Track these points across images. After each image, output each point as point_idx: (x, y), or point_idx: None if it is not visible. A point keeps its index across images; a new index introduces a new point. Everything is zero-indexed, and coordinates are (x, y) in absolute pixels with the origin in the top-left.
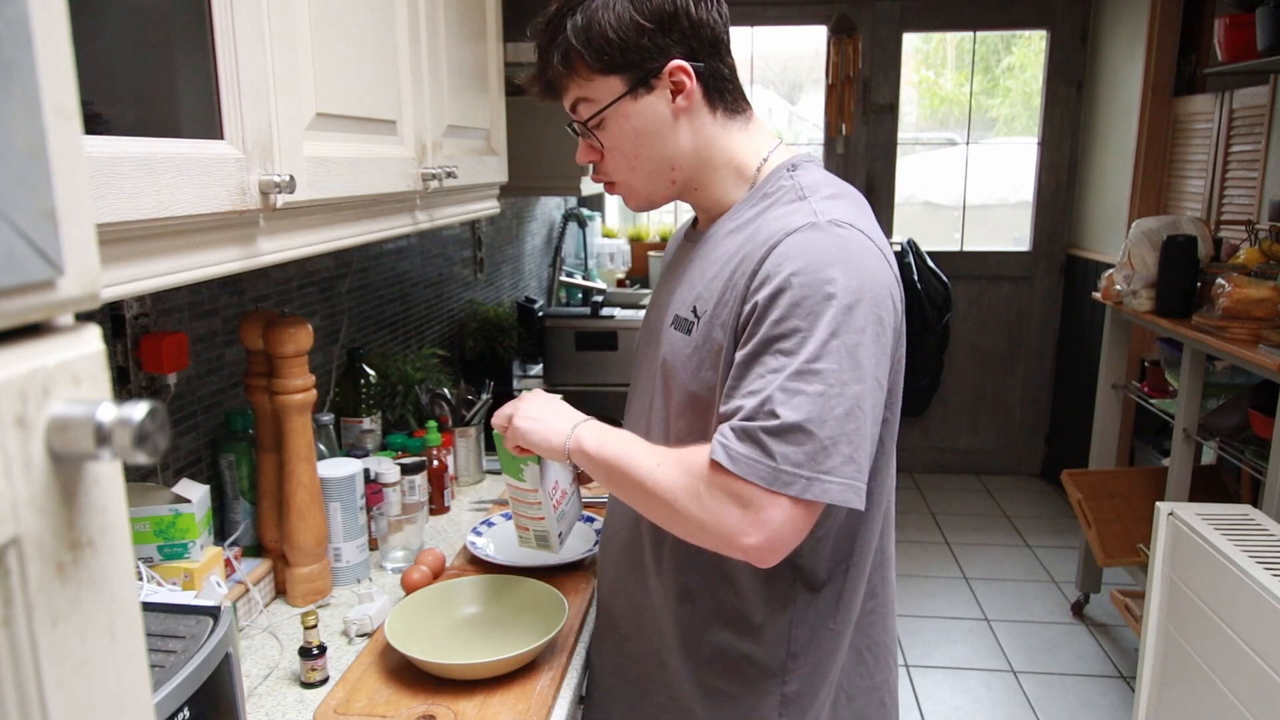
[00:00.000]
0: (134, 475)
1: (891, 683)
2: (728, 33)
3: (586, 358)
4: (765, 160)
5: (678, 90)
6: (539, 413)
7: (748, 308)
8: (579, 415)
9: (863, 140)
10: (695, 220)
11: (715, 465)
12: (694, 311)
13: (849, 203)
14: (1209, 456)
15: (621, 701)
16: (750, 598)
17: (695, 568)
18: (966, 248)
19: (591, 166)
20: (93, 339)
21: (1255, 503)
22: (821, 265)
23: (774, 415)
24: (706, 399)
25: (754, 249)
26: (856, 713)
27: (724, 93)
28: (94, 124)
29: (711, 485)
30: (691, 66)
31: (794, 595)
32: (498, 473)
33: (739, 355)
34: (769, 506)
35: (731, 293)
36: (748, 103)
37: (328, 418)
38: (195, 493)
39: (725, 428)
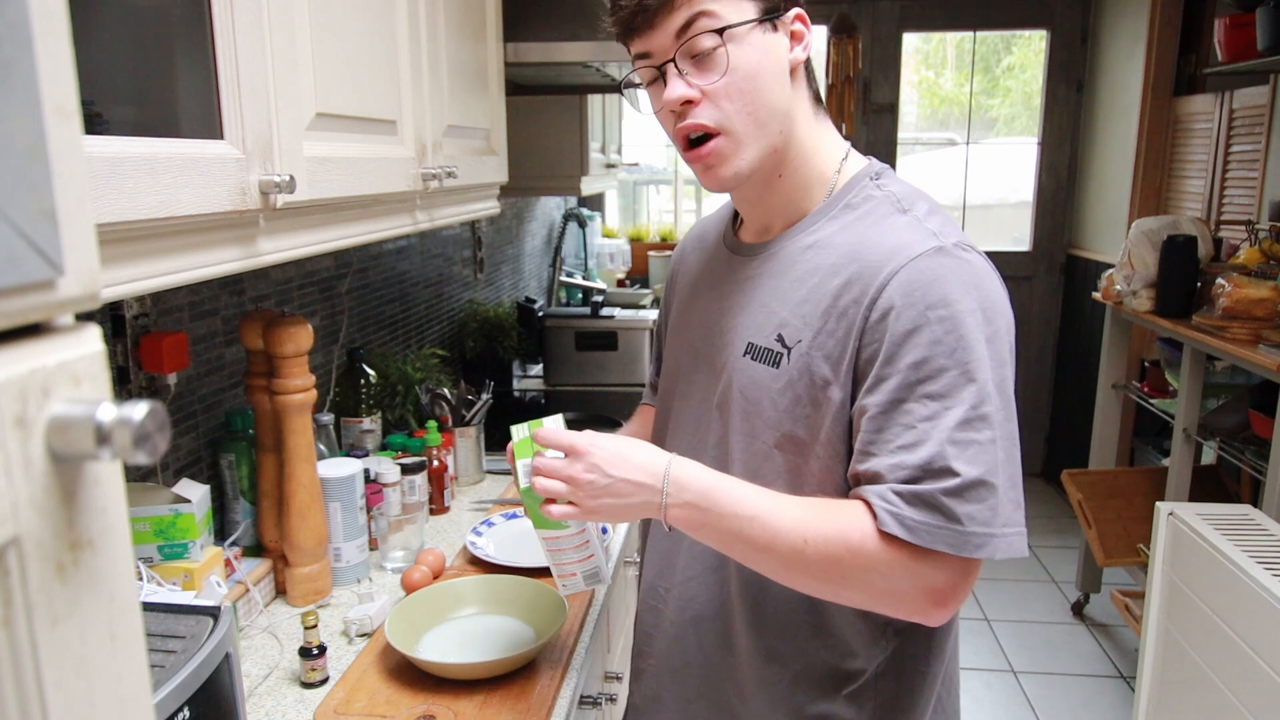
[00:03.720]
0: (134, 475)
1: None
2: None
3: (586, 358)
4: (844, 163)
5: (797, 40)
6: (610, 490)
7: (869, 342)
8: (654, 468)
9: (863, 140)
10: (734, 225)
11: (889, 538)
12: (780, 340)
13: (951, 221)
14: (1209, 456)
15: None
16: (848, 649)
17: (786, 628)
18: None
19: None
20: (93, 339)
21: (1255, 503)
22: (959, 296)
23: (951, 473)
24: (806, 441)
25: (865, 271)
26: None
27: (814, 77)
28: (94, 124)
29: (883, 558)
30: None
31: (887, 631)
32: (497, 473)
33: (869, 400)
34: (958, 572)
35: (839, 322)
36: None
37: (328, 418)
38: (195, 493)
39: (888, 492)
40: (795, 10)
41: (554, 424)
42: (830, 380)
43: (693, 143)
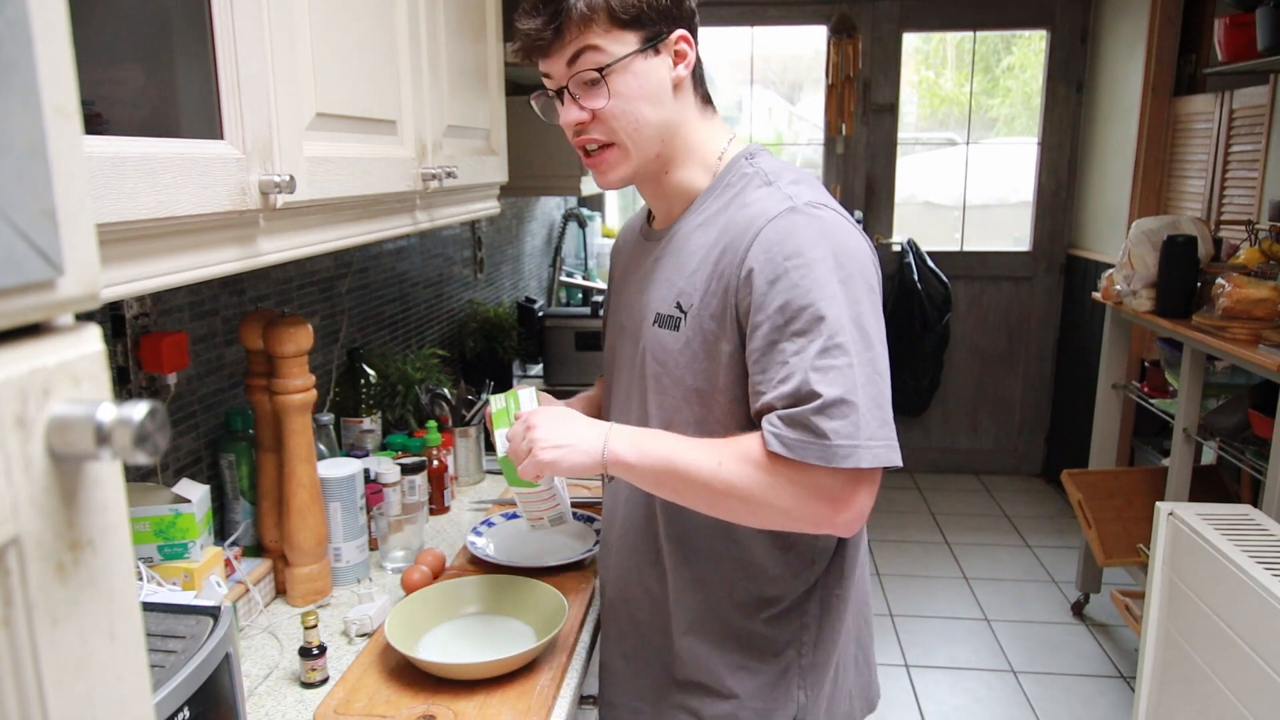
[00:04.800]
0: (134, 475)
1: (869, 643)
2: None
3: (586, 358)
4: (725, 150)
5: (679, 59)
6: (559, 437)
7: (743, 298)
8: (598, 425)
9: (863, 140)
10: (649, 218)
11: (775, 456)
12: (678, 307)
13: (812, 186)
14: (1209, 456)
15: (641, 692)
16: (768, 577)
17: (709, 557)
18: (966, 248)
19: (573, 134)
20: (93, 339)
21: (1255, 503)
22: (810, 245)
23: (815, 395)
24: (707, 390)
25: (735, 238)
26: (857, 678)
27: (702, 80)
28: (94, 124)
29: (778, 475)
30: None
31: (811, 568)
32: (498, 473)
33: (751, 346)
34: (847, 481)
35: (718, 283)
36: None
37: (328, 418)
38: (195, 493)
39: (774, 417)
40: (678, 33)
41: (528, 394)
42: (718, 335)
43: (589, 151)
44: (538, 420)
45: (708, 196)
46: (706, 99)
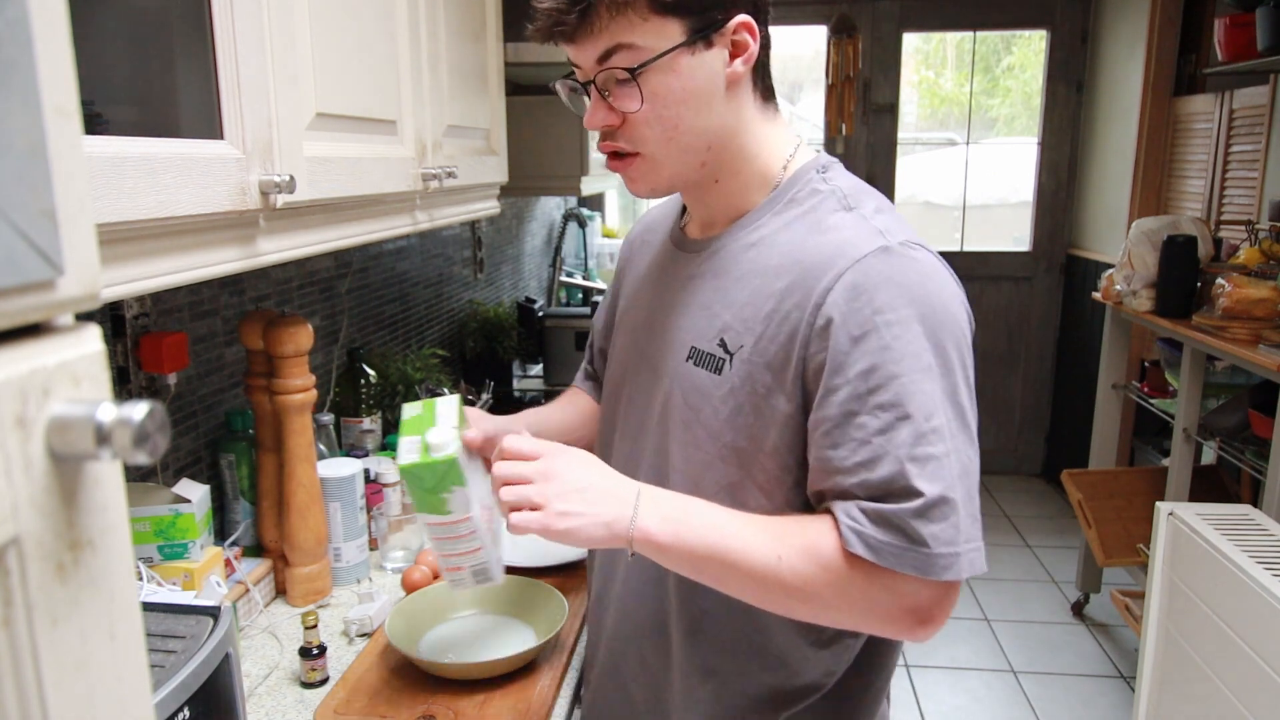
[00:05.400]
0: (134, 475)
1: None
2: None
3: None
4: (790, 158)
5: (738, 52)
6: (581, 500)
7: (815, 352)
8: (625, 485)
9: (863, 140)
10: (683, 214)
11: (855, 559)
12: (722, 346)
13: (897, 217)
14: (1209, 456)
15: None
16: (791, 670)
17: (725, 645)
18: (966, 248)
19: (598, 135)
20: (93, 339)
21: (1255, 503)
22: (905, 299)
23: (914, 493)
24: (748, 450)
25: (808, 273)
26: None
27: (768, 68)
28: (94, 124)
29: (854, 580)
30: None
31: (841, 659)
32: None
33: (822, 414)
34: (933, 594)
35: (781, 327)
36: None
37: (328, 418)
38: (195, 493)
39: (855, 511)
40: (738, 19)
41: (449, 404)
42: (773, 388)
43: (615, 154)
44: (558, 466)
45: (765, 211)
46: (769, 94)
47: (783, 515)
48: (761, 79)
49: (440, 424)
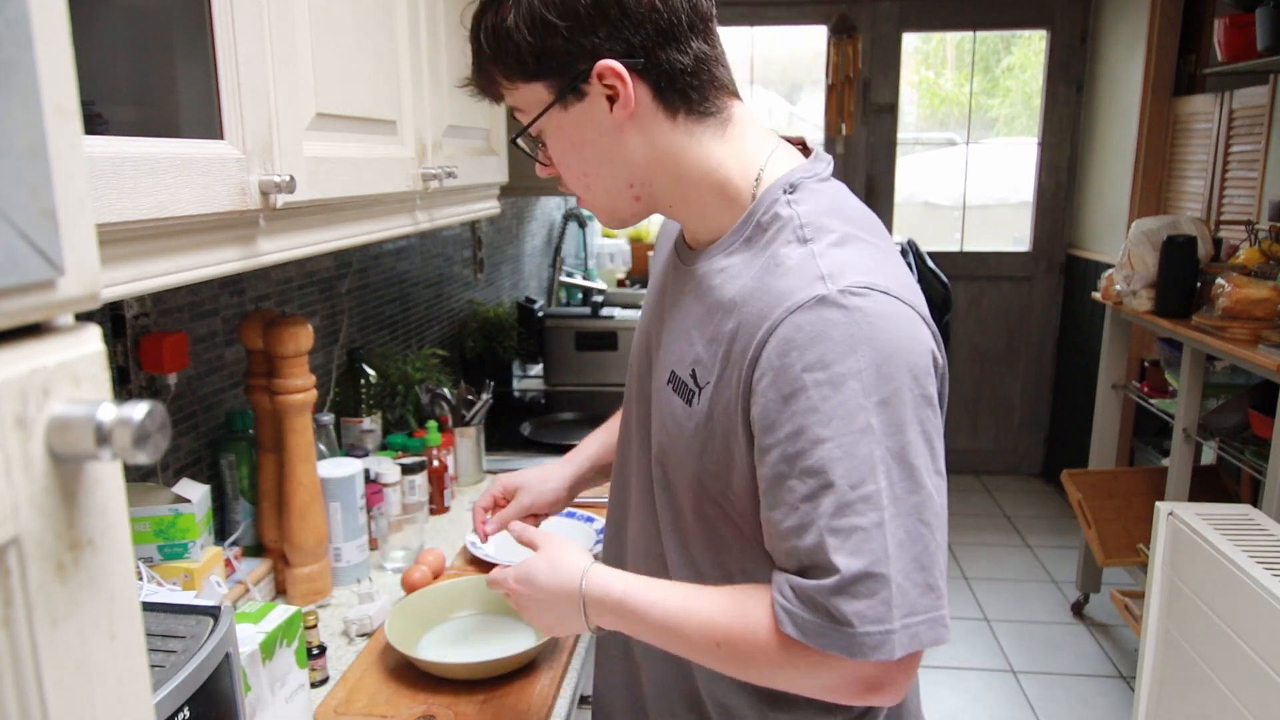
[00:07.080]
0: (134, 475)
1: None
2: (691, 14)
3: (586, 358)
4: (761, 173)
5: (614, 97)
6: (544, 611)
7: (755, 404)
8: (572, 596)
9: (863, 140)
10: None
11: (787, 639)
12: (694, 377)
13: (861, 244)
14: (1209, 456)
15: None
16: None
17: (743, 691)
18: (966, 248)
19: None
20: (93, 339)
21: (1255, 503)
22: (840, 355)
23: (831, 569)
24: (714, 488)
25: (750, 319)
26: None
27: (686, 91)
28: (94, 124)
29: (795, 658)
30: (628, 67)
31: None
32: (498, 472)
33: (761, 472)
34: (876, 670)
35: (731, 372)
36: (731, 96)
37: (328, 418)
38: (195, 493)
39: (785, 585)
40: (601, 65)
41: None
42: (731, 431)
43: None
44: (525, 589)
45: (737, 236)
46: (706, 111)
47: (748, 565)
48: (683, 99)
49: None
